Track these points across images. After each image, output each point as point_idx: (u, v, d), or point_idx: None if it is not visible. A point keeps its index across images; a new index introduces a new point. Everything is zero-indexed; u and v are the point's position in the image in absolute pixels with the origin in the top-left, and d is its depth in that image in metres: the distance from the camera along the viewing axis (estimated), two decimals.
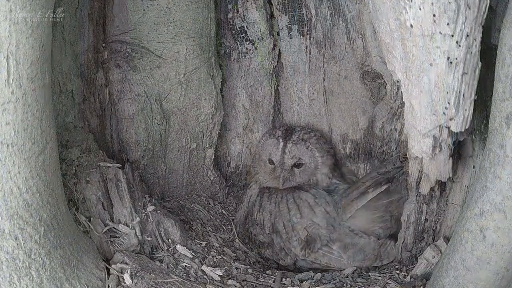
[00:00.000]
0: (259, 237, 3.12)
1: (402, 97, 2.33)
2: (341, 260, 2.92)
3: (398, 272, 2.72)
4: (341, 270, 2.89)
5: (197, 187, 3.32)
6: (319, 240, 2.96)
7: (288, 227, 3.03)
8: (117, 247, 2.46)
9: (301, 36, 3.17)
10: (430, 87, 2.10)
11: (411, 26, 2.01)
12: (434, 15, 1.94)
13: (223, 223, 3.20)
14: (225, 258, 2.77)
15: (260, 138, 3.34)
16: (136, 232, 2.53)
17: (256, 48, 3.23)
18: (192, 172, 3.27)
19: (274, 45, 3.23)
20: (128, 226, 2.54)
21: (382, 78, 3.07)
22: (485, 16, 1.94)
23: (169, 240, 2.67)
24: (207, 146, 3.26)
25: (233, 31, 3.21)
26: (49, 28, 1.98)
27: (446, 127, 2.22)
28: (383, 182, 2.90)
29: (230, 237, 3.09)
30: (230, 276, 2.64)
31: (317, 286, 2.68)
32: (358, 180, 3.17)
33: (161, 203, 3.07)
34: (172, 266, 2.51)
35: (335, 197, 3.06)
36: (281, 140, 3.13)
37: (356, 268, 2.87)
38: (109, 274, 2.33)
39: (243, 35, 3.21)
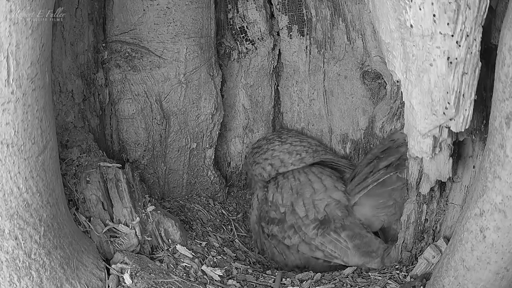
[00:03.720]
0: (271, 213, 3.10)
1: (402, 97, 2.33)
2: (347, 251, 2.90)
3: (398, 272, 2.72)
4: (340, 270, 2.88)
5: (197, 187, 3.32)
6: (333, 222, 2.94)
7: (308, 204, 3.01)
8: (117, 247, 2.46)
9: (301, 36, 3.17)
10: (430, 87, 2.09)
11: (411, 26, 2.01)
12: (434, 15, 1.93)
13: (223, 223, 3.20)
14: (225, 258, 2.77)
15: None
16: (136, 232, 2.53)
17: (256, 48, 3.23)
18: (192, 172, 3.27)
19: (274, 45, 3.23)
20: (128, 226, 2.54)
21: (382, 78, 3.07)
22: (485, 16, 1.94)
23: (169, 240, 2.67)
24: (207, 146, 3.26)
25: (233, 31, 3.21)
26: (49, 28, 1.98)
27: (446, 127, 2.22)
28: (382, 170, 2.89)
29: (230, 237, 3.09)
30: (230, 276, 2.63)
31: (317, 286, 2.68)
32: (357, 164, 3.16)
33: (161, 203, 3.07)
34: (172, 266, 2.51)
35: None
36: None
37: (356, 268, 2.86)
38: (109, 274, 2.33)
39: (243, 35, 3.21)
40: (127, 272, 2.32)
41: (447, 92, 2.06)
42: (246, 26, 3.19)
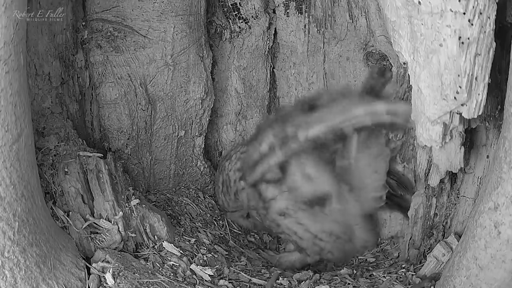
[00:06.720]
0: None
1: (409, 81, 2.33)
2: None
3: (405, 271, 2.73)
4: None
5: (185, 179, 3.33)
6: None
7: None
8: (98, 244, 2.47)
9: (299, 14, 3.16)
10: (439, 70, 2.09)
11: (419, 3, 2.01)
12: None
13: (214, 218, 3.21)
14: (216, 256, 2.77)
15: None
16: (119, 228, 2.53)
17: (250, 27, 3.22)
18: (180, 163, 3.27)
19: (270, 24, 3.23)
20: (110, 221, 2.55)
21: (388, 59, 3.07)
22: None
23: (155, 237, 2.68)
24: (196, 134, 3.26)
25: (225, 8, 3.20)
26: (24, 5, 1.97)
27: (457, 113, 2.22)
28: None
29: (221, 233, 3.09)
30: (221, 276, 2.64)
31: (317, 286, 2.68)
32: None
33: (146, 196, 3.08)
34: (158, 265, 2.51)
35: None
36: None
37: (353, 269, 2.86)
38: (89, 273, 2.35)
39: (236, 12, 3.20)
40: (109, 271, 2.32)
41: (459, 75, 2.06)
42: (239, 2, 3.18)
